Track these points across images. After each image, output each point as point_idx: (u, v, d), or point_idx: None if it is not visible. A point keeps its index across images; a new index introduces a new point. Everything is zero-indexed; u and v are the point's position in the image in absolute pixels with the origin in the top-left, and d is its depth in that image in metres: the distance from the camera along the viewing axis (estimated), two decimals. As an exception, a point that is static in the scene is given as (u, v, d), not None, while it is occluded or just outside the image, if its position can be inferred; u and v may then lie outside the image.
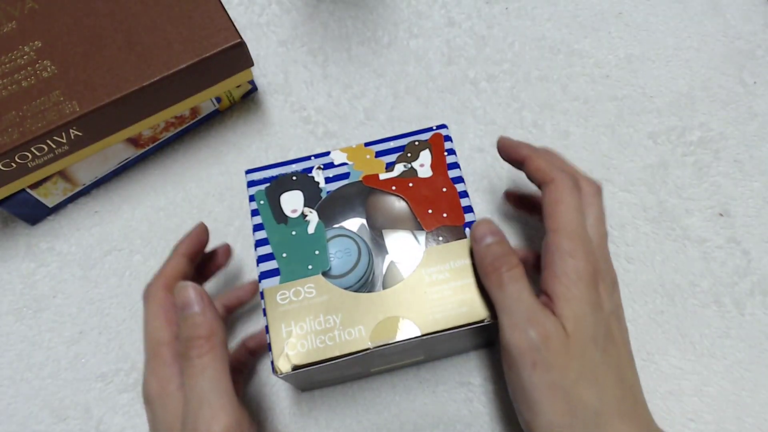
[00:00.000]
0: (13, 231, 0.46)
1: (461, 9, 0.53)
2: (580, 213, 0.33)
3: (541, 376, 0.30)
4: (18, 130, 0.39)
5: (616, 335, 0.32)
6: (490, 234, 0.33)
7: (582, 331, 0.30)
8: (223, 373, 0.30)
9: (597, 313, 0.31)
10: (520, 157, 0.36)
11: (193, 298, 0.32)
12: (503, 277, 0.31)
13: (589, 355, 0.30)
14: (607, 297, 0.32)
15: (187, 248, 0.37)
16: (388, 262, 0.38)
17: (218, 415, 0.29)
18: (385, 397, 0.41)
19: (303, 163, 0.38)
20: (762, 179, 0.46)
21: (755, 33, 0.51)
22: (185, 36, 0.41)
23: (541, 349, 0.30)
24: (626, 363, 0.32)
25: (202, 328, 0.31)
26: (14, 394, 0.42)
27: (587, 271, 0.31)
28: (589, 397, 0.30)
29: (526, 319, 0.30)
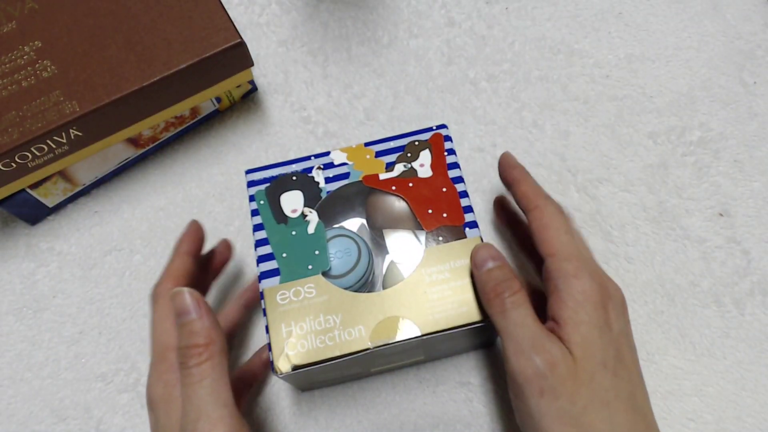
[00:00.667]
0: (13, 231, 0.46)
1: (461, 9, 0.53)
2: (571, 235, 0.33)
3: (549, 404, 0.29)
4: (18, 130, 0.39)
5: (626, 356, 0.31)
6: (491, 259, 0.32)
7: (591, 356, 0.30)
8: (221, 382, 0.30)
9: (606, 336, 0.30)
10: (510, 179, 0.37)
11: (190, 304, 0.31)
12: (506, 303, 0.31)
13: (598, 381, 0.29)
14: (616, 317, 0.31)
15: (188, 246, 0.37)
16: (388, 262, 0.38)
17: (216, 428, 0.28)
18: (385, 397, 0.41)
19: (303, 163, 0.38)
20: (762, 179, 0.46)
21: (755, 33, 0.51)
22: (185, 36, 0.41)
23: (548, 376, 0.29)
24: (637, 385, 0.31)
25: (200, 336, 0.30)
26: (14, 394, 0.42)
27: (594, 292, 0.31)
28: (600, 425, 0.29)
29: (531, 346, 0.30)
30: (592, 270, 0.32)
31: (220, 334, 0.31)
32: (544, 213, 0.33)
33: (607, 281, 0.33)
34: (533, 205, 0.34)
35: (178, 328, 0.31)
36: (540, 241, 0.33)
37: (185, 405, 0.29)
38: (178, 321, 0.31)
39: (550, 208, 0.34)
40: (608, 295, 0.31)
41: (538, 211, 0.34)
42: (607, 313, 0.31)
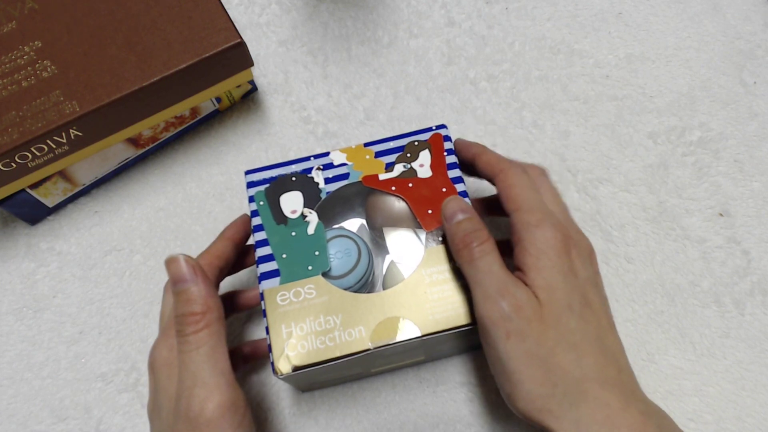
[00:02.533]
0: (13, 231, 0.46)
1: (461, 9, 0.53)
2: (535, 191, 0.33)
3: (516, 346, 0.29)
4: (18, 130, 0.39)
5: (593, 302, 0.31)
6: (461, 211, 0.33)
7: (556, 299, 0.30)
8: (219, 350, 0.30)
9: (571, 280, 0.31)
10: (470, 155, 0.37)
11: (186, 271, 0.30)
12: (474, 252, 0.31)
13: (564, 323, 0.30)
14: (582, 264, 0.32)
15: (232, 233, 0.37)
16: (388, 262, 0.38)
17: (213, 394, 0.29)
18: (385, 397, 0.41)
19: (302, 163, 0.38)
20: (762, 179, 0.46)
21: (755, 33, 0.51)
22: (185, 36, 0.41)
23: (514, 318, 0.29)
24: (607, 330, 0.31)
25: (197, 303, 0.30)
26: (14, 394, 0.42)
27: (556, 239, 0.31)
28: (569, 365, 0.29)
29: (497, 291, 0.30)
30: (555, 221, 0.32)
31: (217, 302, 0.31)
32: (508, 174, 0.34)
33: (574, 232, 0.33)
34: (498, 170, 0.35)
35: (175, 295, 0.31)
36: (505, 199, 0.33)
37: (182, 372, 0.29)
38: (174, 288, 0.30)
39: (514, 169, 0.34)
40: (572, 243, 0.32)
41: (503, 174, 0.34)
42: (571, 260, 0.31)
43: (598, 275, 0.33)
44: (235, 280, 0.44)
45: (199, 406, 0.28)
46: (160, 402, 0.31)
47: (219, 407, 0.28)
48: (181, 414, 0.29)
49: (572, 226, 0.34)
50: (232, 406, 0.29)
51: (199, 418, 0.28)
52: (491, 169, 0.35)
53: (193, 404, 0.28)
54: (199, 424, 0.28)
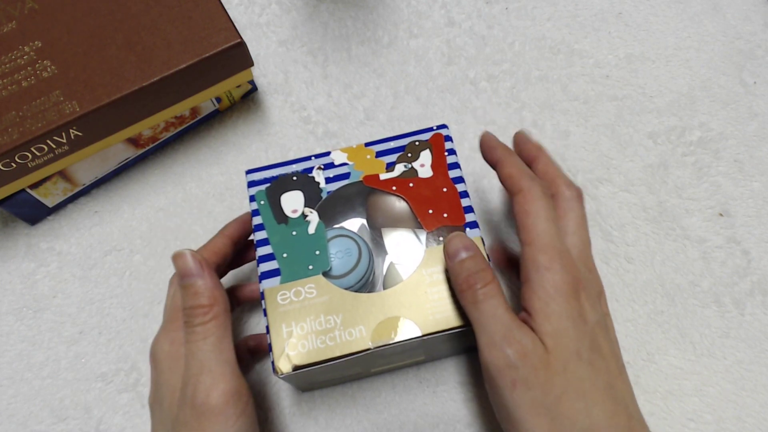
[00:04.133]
0: (13, 231, 0.46)
1: (461, 9, 0.53)
2: (552, 223, 0.32)
3: (522, 395, 0.28)
4: (18, 130, 0.39)
5: (603, 347, 0.30)
6: (464, 249, 0.32)
7: (563, 346, 0.29)
8: (225, 340, 0.30)
9: (580, 326, 0.30)
10: (494, 159, 0.36)
11: (192, 265, 0.31)
12: (477, 295, 0.30)
13: (572, 370, 0.29)
14: (591, 307, 0.31)
15: (232, 230, 0.37)
16: (388, 262, 0.38)
17: (218, 383, 0.29)
18: (385, 397, 0.41)
19: (303, 163, 0.38)
20: (762, 179, 0.46)
21: (755, 33, 0.51)
22: (185, 36, 0.41)
23: (519, 366, 0.28)
24: (616, 376, 0.30)
25: (204, 296, 0.31)
26: (14, 394, 0.42)
27: (566, 283, 0.30)
28: (576, 415, 0.28)
29: (502, 337, 0.29)
30: (567, 262, 0.31)
31: (223, 294, 0.32)
32: (527, 198, 0.32)
33: (586, 272, 0.32)
34: (517, 188, 0.33)
35: (182, 289, 0.31)
36: (519, 226, 0.32)
37: (189, 360, 0.30)
38: (182, 282, 0.31)
39: (534, 191, 0.32)
40: (582, 287, 0.31)
41: (521, 195, 0.33)
42: (580, 305, 0.30)
43: (608, 317, 0.33)
44: (239, 273, 0.44)
45: (204, 393, 0.29)
46: (162, 393, 0.31)
47: (224, 394, 0.29)
48: (187, 401, 0.29)
49: (586, 263, 0.32)
50: (236, 394, 0.29)
51: (204, 405, 0.29)
52: (511, 185, 0.33)
53: (199, 391, 0.29)
54: (204, 411, 0.29)
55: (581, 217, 0.34)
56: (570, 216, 0.33)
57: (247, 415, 0.30)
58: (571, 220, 0.33)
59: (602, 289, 0.33)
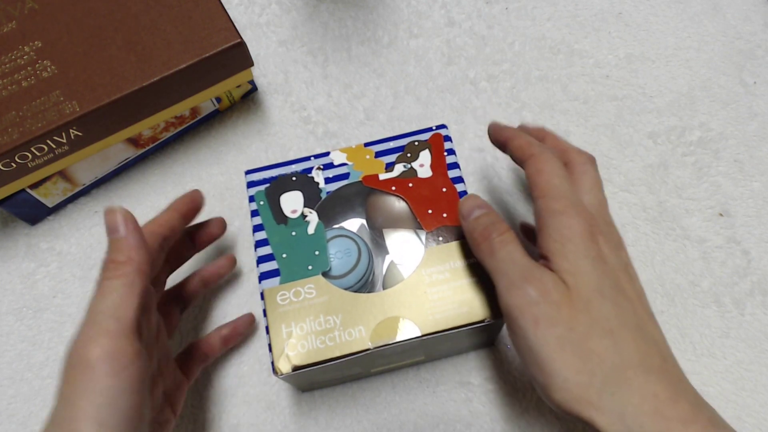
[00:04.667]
0: (13, 231, 0.46)
1: (461, 9, 0.53)
2: (564, 179, 0.31)
3: (546, 332, 0.27)
4: (18, 130, 0.39)
5: (627, 289, 0.29)
6: (477, 207, 0.32)
7: (584, 283, 0.28)
8: (127, 301, 0.29)
9: (599, 266, 0.29)
10: (503, 138, 0.35)
11: (120, 221, 0.31)
12: (494, 243, 0.30)
13: (596, 307, 0.28)
14: (611, 252, 0.30)
15: (180, 205, 0.37)
16: (388, 262, 0.38)
17: (99, 337, 0.28)
18: (385, 397, 0.41)
19: (303, 163, 0.38)
20: (762, 179, 0.46)
21: (755, 33, 0.51)
22: (185, 36, 0.41)
23: (541, 303, 0.28)
24: (645, 318, 0.29)
25: (121, 252, 0.30)
26: (14, 394, 0.42)
27: (581, 226, 0.29)
28: (605, 351, 0.27)
29: (521, 278, 0.29)
30: (581, 209, 0.30)
31: (141, 255, 0.31)
32: (538, 159, 0.32)
33: (603, 223, 0.31)
34: (528, 155, 0.33)
35: (108, 244, 0.31)
36: (532, 186, 0.32)
37: (86, 314, 0.30)
38: (108, 237, 0.31)
39: (545, 154, 0.32)
40: (599, 231, 0.30)
41: (532, 159, 0.32)
42: (598, 246, 0.30)
43: (631, 267, 0.32)
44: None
45: (81, 345, 0.28)
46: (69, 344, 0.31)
47: (100, 350, 0.28)
48: (68, 351, 0.29)
49: (602, 217, 0.32)
50: (114, 353, 0.28)
51: (78, 357, 0.28)
52: (522, 154, 0.33)
53: (78, 342, 0.28)
54: (76, 362, 0.28)
55: (595, 178, 0.34)
56: (584, 178, 0.33)
57: (121, 379, 0.28)
58: (586, 181, 0.33)
59: (622, 243, 0.32)
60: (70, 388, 0.28)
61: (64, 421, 0.27)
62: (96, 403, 0.27)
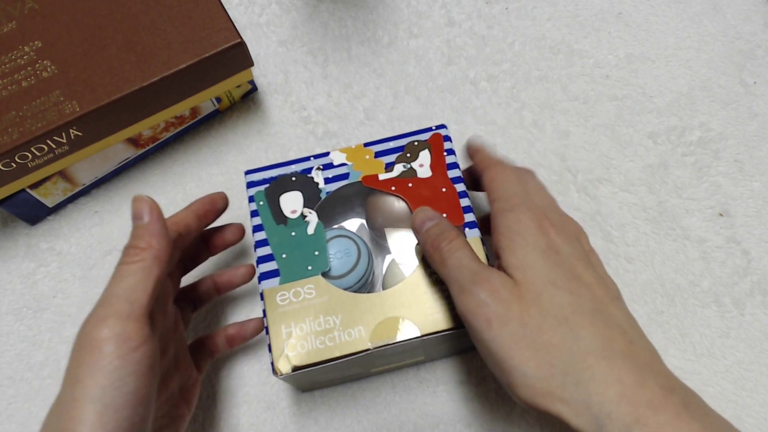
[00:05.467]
0: (13, 231, 0.46)
1: (461, 9, 0.53)
2: (516, 183, 0.33)
3: (500, 331, 0.27)
4: (18, 130, 0.39)
5: (583, 275, 0.29)
6: (428, 219, 0.33)
7: (533, 276, 0.28)
8: (142, 284, 0.30)
9: (551, 256, 0.29)
10: (471, 152, 0.37)
11: (145, 209, 0.32)
12: (444, 252, 0.31)
13: (547, 298, 0.28)
14: (564, 241, 0.30)
15: (198, 206, 0.37)
16: (387, 262, 0.38)
17: (109, 318, 0.28)
18: (385, 397, 0.41)
19: (302, 163, 0.38)
20: (762, 179, 0.46)
21: (755, 33, 0.51)
22: (185, 36, 0.41)
23: (491, 303, 0.28)
24: (607, 302, 0.29)
25: (142, 239, 0.31)
26: (14, 394, 0.42)
27: (530, 219, 0.30)
28: (561, 341, 0.27)
29: (470, 281, 0.29)
30: (531, 205, 0.31)
31: (161, 243, 0.31)
32: (493, 169, 0.34)
33: (556, 216, 0.32)
34: (486, 165, 0.35)
35: (132, 230, 0.32)
36: (488, 192, 0.33)
37: (101, 295, 0.30)
38: (132, 223, 0.32)
39: (499, 165, 0.34)
40: (550, 223, 0.31)
41: (489, 169, 0.34)
42: (549, 237, 0.30)
43: (592, 254, 0.32)
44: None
45: (92, 324, 0.28)
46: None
47: (109, 330, 0.28)
48: (80, 328, 0.29)
49: (555, 212, 0.32)
50: (123, 335, 0.28)
51: (87, 335, 0.28)
52: (481, 166, 0.35)
53: (89, 321, 0.29)
54: (85, 341, 0.28)
55: (540, 184, 0.35)
56: (530, 183, 0.34)
57: (127, 361, 0.28)
58: (531, 186, 0.34)
59: (581, 232, 0.33)
60: (77, 367, 0.28)
61: (68, 401, 0.27)
62: (101, 384, 0.27)
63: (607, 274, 0.31)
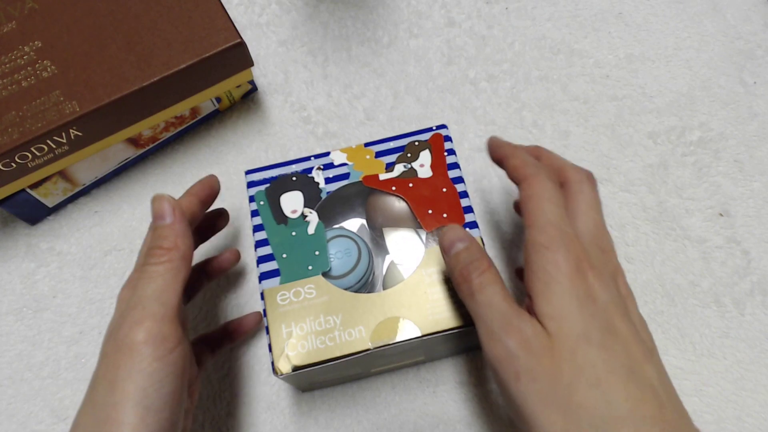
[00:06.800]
0: (13, 231, 0.46)
1: (461, 9, 0.53)
2: (555, 204, 0.30)
3: (528, 387, 0.26)
4: (18, 130, 0.39)
5: (620, 328, 0.27)
6: (458, 240, 0.31)
7: (568, 329, 0.27)
8: (172, 287, 0.30)
9: (587, 307, 0.27)
10: (500, 156, 0.34)
11: (167, 209, 0.32)
12: (473, 285, 0.29)
13: (581, 355, 0.26)
14: (602, 286, 0.28)
15: (199, 190, 0.37)
16: (388, 262, 0.38)
17: (145, 320, 0.28)
18: (385, 397, 0.41)
19: (303, 163, 0.38)
20: (762, 179, 0.46)
21: (755, 33, 0.51)
22: (185, 36, 0.41)
23: (521, 356, 0.26)
24: (640, 360, 0.27)
25: (167, 239, 0.31)
26: (14, 394, 0.42)
27: (567, 261, 0.28)
28: (593, 402, 0.25)
29: (500, 327, 0.27)
30: (569, 240, 0.29)
31: (186, 243, 0.31)
32: (531, 183, 0.31)
33: (595, 251, 0.30)
34: (522, 176, 0.32)
35: (152, 231, 0.32)
36: (523, 212, 0.31)
37: (131, 296, 0.30)
38: (153, 224, 0.32)
39: (539, 176, 0.31)
40: (588, 265, 0.28)
41: (526, 182, 0.31)
42: (587, 284, 0.28)
43: (629, 298, 0.30)
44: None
45: (128, 327, 0.28)
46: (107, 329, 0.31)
47: (146, 333, 0.28)
48: (112, 331, 0.29)
49: (599, 244, 0.30)
50: (160, 337, 0.28)
51: (125, 339, 0.28)
52: (516, 175, 0.32)
53: (125, 325, 0.29)
54: (122, 345, 0.28)
55: (592, 198, 0.32)
56: (579, 198, 0.32)
57: (166, 363, 0.28)
58: (581, 202, 0.31)
59: (619, 271, 0.31)
60: (113, 371, 0.28)
61: (107, 405, 0.27)
62: (141, 386, 0.27)
63: (643, 320, 0.30)
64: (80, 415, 0.28)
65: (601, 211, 0.32)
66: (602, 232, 0.31)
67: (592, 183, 0.33)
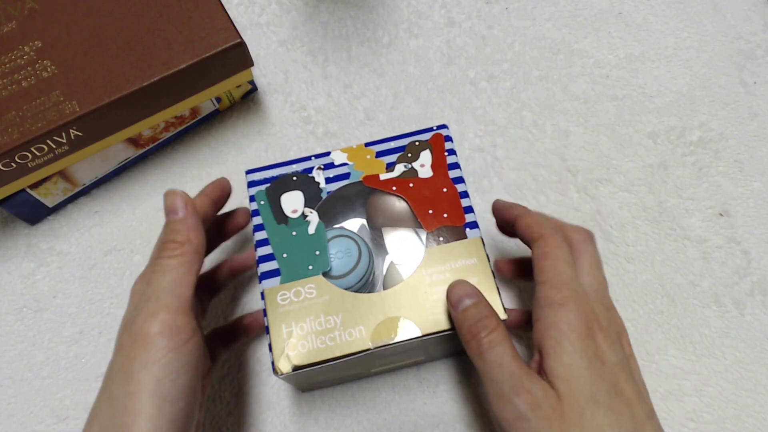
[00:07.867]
0: (13, 231, 0.46)
1: (461, 9, 0.53)
2: (569, 265, 0.31)
3: None
4: (18, 130, 0.39)
5: (625, 390, 0.29)
6: (466, 296, 0.31)
7: (577, 391, 0.28)
8: (185, 280, 0.30)
9: (596, 367, 0.28)
10: (512, 216, 0.35)
11: (179, 204, 0.32)
12: (482, 344, 0.29)
13: (589, 418, 0.27)
14: (609, 347, 0.29)
15: (211, 190, 0.37)
16: (388, 262, 0.38)
17: (159, 312, 0.29)
18: (385, 397, 0.41)
19: (303, 163, 0.38)
20: (762, 179, 0.46)
21: (755, 33, 0.51)
22: (185, 36, 0.41)
23: (531, 419, 0.27)
24: (643, 421, 0.28)
25: (180, 233, 0.31)
26: (14, 394, 0.42)
27: (579, 321, 0.29)
28: None
29: (510, 388, 0.28)
30: (581, 300, 0.30)
31: (199, 237, 0.32)
32: (547, 242, 0.32)
33: (603, 311, 0.31)
34: (537, 235, 0.32)
35: (165, 225, 0.32)
36: (536, 269, 0.31)
37: (145, 289, 0.30)
38: (166, 219, 0.32)
39: (555, 237, 0.32)
40: (598, 326, 0.30)
41: (542, 240, 0.32)
42: (596, 344, 0.29)
43: (632, 358, 0.31)
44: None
45: (143, 319, 0.29)
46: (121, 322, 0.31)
47: (161, 325, 0.28)
48: (127, 324, 0.29)
49: (603, 302, 0.31)
50: (174, 328, 0.29)
51: (140, 330, 0.29)
52: (530, 233, 0.33)
53: (140, 317, 0.29)
54: (137, 336, 0.28)
55: (595, 257, 0.33)
56: (584, 257, 0.33)
57: (181, 354, 0.29)
58: (585, 261, 0.33)
59: (623, 330, 0.32)
60: (128, 362, 0.28)
61: (123, 395, 0.28)
62: (157, 377, 0.28)
63: (642, 381, 0.31)
64: (96, 405, 0.29)
65: (602, 269, 0.33)
66: (606, 290, 0.33)
67: (594, 242, 0.34)
